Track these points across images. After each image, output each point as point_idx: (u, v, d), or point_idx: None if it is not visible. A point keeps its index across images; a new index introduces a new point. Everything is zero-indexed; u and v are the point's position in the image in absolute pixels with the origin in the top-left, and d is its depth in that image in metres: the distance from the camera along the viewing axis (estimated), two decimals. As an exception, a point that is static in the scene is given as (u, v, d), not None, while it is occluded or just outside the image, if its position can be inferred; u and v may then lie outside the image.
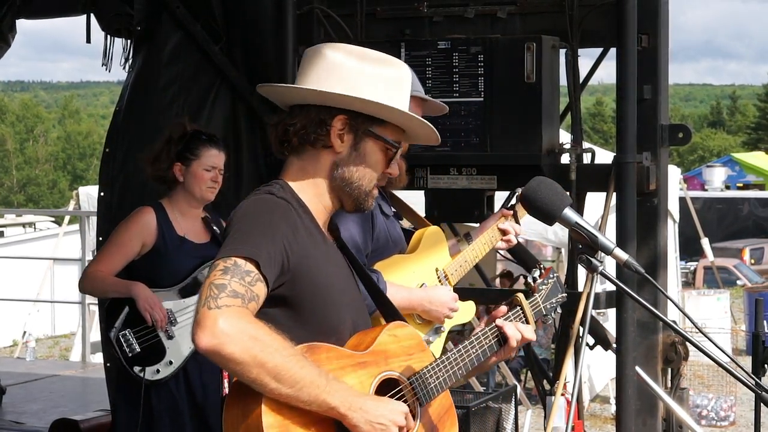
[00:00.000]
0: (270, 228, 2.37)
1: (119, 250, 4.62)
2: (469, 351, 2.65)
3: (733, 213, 30.04)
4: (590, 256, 2.56)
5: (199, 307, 2.26)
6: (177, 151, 4.64)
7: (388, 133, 2.55)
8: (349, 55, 2.53)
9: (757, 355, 4.63)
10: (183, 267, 4.62)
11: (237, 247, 2.33)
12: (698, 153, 57.83)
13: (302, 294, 2.42)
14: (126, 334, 4.53)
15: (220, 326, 2.21)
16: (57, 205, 51.48)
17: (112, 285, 4.58)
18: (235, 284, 2.27)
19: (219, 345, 2.21)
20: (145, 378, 4.50)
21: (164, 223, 4.63)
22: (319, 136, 2.51)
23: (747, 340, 14.97)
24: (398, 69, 2.57)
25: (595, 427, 11.47)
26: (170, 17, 6.61)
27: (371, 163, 2.54)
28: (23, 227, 25.54)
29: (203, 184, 4.67)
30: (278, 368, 2.24)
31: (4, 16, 7.29)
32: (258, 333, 2.24)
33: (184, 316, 4.59)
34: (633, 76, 4.98)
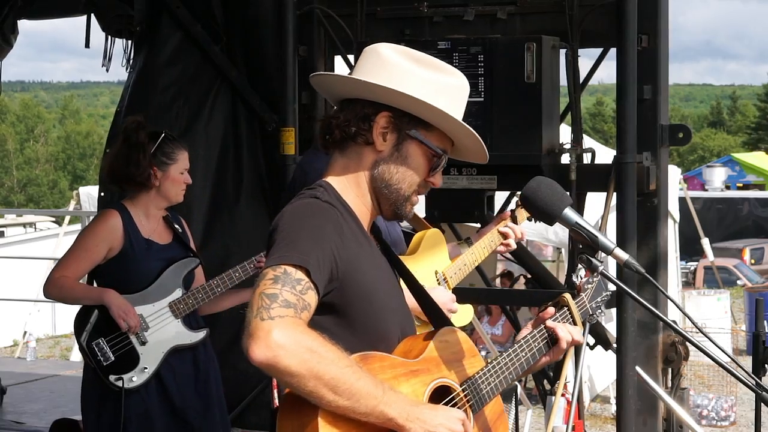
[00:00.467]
0: (318, 234, 2.32)
1: (86, 255, 4.47)
2: (519, 355, 2.60)
3: (733, 213, 30.04)
4: (590, 256, 2.56)
5: (251, 318, 2.19)
6: (150, 155, 4.47)
7: (433, 139, 2.47)
8: (405, 55, 2.47)
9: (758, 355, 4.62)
10: (151, 270, 4.51)
11: (286, 255, 2.26)
12: (698, 153, 57.82)
13: (351, 301, 2.37)
14: (100, 342, 4.43)
15: (275, 338, 2.15)
16: (57, 205, 51.48)
17: (83, 292, 4.47)
18: (286, 293, 2.21)
19: (275, 358, 2.15)
20: (119, 386, 4.40)
21: (130, 226, 4.49)
22: (361, 130, 2.45)
23: (747, 340, 14.97)
24: (454, 78, 2.50)
25: (595, 427, 11.47)
26: (170, 17, 6.61)
27: (412, 167, 2.47)
28: (23, 227, 25.55)
29: (179, 188, 4.55)
30: (335, 380, 2.19)
31: (6, 17, 7.30)
32: (314, 344, 2.18)
33: (155, 321, 4.51)
34: (633, 76, 4.98)
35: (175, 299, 4.54)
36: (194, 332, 4.60)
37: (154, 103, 6.63)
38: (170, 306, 4.54)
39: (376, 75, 2.44)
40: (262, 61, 6.49)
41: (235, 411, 6.39)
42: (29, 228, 25.42)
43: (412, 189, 2.49)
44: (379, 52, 2.47)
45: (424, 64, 2.46)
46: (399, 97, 2.42)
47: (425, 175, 2.49)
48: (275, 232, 2.35)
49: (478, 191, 5.27)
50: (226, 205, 6.60)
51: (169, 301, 4.54)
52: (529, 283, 5.89)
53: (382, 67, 2.44)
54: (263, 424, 6.53)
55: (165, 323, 4.53)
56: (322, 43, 6.03)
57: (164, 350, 4.51)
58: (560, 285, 5.75)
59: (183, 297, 4.56)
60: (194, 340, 4.59)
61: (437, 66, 2.48)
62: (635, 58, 4.98)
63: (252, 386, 6.46)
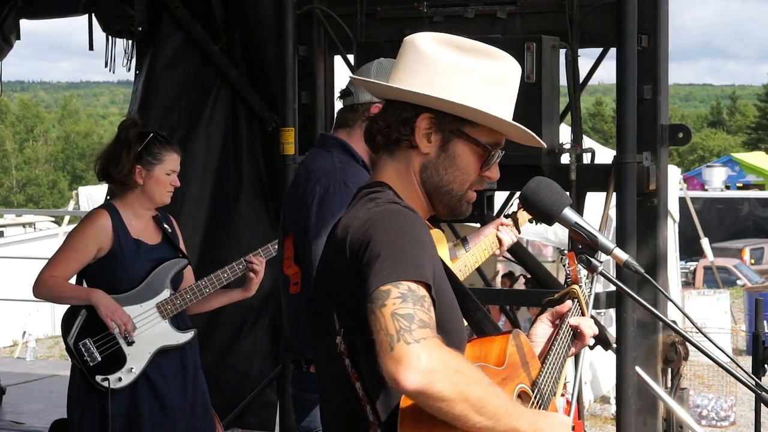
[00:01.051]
0: (421, 245, 2.21)
1: (75, 256, 4.48)
2: (559, 353, 2.58)
3: (733, 213, 30.05)
4: (590, 256, 2.56)
5: (392, 342, 2.04)
6: (137, 154, 4.48)
7: (481, 134, 2.35)
8: (445, 45, 2.33)
9: (757, 355, 4.62)
10: (139, 271, 4.51)
11: (404, 270, 2.12)
12: (698, 153, 57.83)
13: (441, 309, 2.26)
14: (86, 342, 4.45)
15: (425, 363, 2.02)
16: (57, 205, 51.47)
17: (71, 292, 4.48)
18: (419, 312, 2.08)
19: (429, 383, 2.02)
20: (105, 386, 4.41)
21: (119, 227, 4.49)
22: (403, 135, 2.35)
23: (747, 340, 14.97)
24: (499, 63, 2.35)
25: (595, 427, 11.47)
26: (170, 18, 6.62)
27: (462, 166, 2.36)
28: (23, 227, 25.53)
29: (164, 189, 4.53)
30: (482, 401, 2.08)
31: (6, 17, 7.30)
32: (459, 364, 2.08)
33: (143, 322, 4.51)
34: (633, 76, 4.98)
35: (162, 300, 4.54)
36: (182, 333, 4.60)
37: (157, 104, 6.64)
38: (158, 306, 4.54)
39: (412, 75, 2.33)
40: (262, 61, 6.50)
41: (234, 411, 6.39)
42: (29, 228, 25.42)
43: (465, 188, 2.39)
44: (417, 47, 2.34)
45: (469, 52, 2.33)
46: (435, 102, 2.31)
47: (477, 171, 2.38)
48: (372, 243, 2.18)
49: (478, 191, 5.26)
50: (226, 205, 6.60)
51: (156, 302, 4.53)
52: (529, 283, 5.89)
53: (418, 65, 2.33)
54: (263, 424, 6.54)
55: (152, 324, 4.53)
56: (322, 43, 6.03)
57: (151, 351, 4.51)
58: (560, 285, 5.73)
59: (171, 297, 4.56)
60: (181, 341, 4.59)
61: (484, 51, 2.34)
62: (635, 58, 4.98)
63: (251, 387, 6.46)
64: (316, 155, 3.44)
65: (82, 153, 59.86)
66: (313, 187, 3.31)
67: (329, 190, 3.28)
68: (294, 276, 3.40)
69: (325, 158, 3.38)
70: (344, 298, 2.24)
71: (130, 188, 4.53)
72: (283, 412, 6.08)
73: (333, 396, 2.37)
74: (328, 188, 3.28)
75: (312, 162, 3.42)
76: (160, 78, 6.69)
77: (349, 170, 3.34)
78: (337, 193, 3.27)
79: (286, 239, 3.44)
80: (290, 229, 3.41)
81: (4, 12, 7.28)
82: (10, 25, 7.39)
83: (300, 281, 3.38)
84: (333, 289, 2.31)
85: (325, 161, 3.37)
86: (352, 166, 3.36)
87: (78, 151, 59.94)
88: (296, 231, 3.37)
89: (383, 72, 3.35)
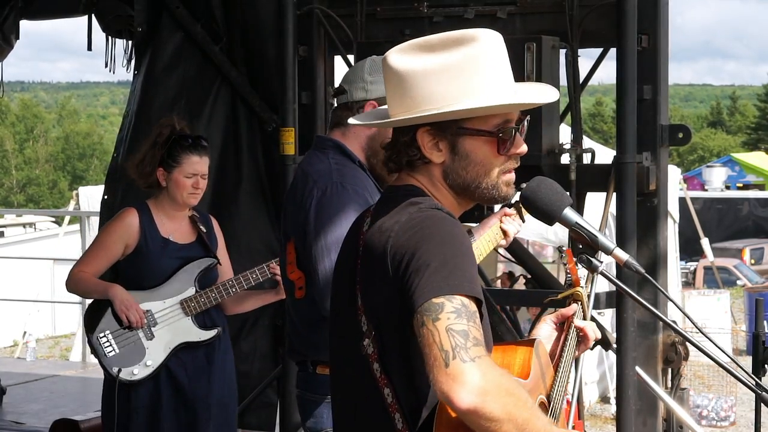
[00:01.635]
0: (470, 256, 2.19)
1: (103, 253, 4.68)
2: (568, 359, 2.60)
3: (733, 213, 30.04)
4: (590, 256, 2.55)
5: (448, 359, 2.04)
6: (161, 156, 4.64)
7: (484, 122, 2.29)
8: (413, 52, 2.29)
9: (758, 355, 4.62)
10: (165, 268, 4.67)
11: (457, 284, 2.11)
12: (698, 153, 57.83)
13: None
14: (106, 335, 4.62)
15: (481, 383, 2.03)
16: (57, 205, 51.48)
17: (93, 286, 4.65)
18: (473, 330, 2.08)
19: (482, 404, 2.03)
20: (121, 378, 4.58)
21: (148, 225, 4.66)
22: (413, 156, 2.32)
23: (747, 340, 14.97)
24: (471, 47, 2.27)
25: (595, 427, 11.47)
26: (170, 18, 6.61)
27: (479, 160, 2.31)
28: (23, 227, 25.53)
29: (185, 191, 4.66)
30: (526, 422, 2.08)
31: (6, 17, 7.31)
32: (511, 386, 2.09)
33: (164, 318, 4.67)
34: (633, 76, 4.98)
35: (186, 297, 4.68)
36: (204, 330, 4.71)
37: (156, 105, 6.64)
38: (181, 304, 4.68)
39: (399, 99, 2.30)
40: (262, 61, 6.49)
41: (235, 411, 6.39)
42: (29, 228, 25.41)
43: (494, 176, 2.33)
44: (390, 67, 2.31)
45: (438, 48, 2.27)
46: (427, 118, 2.28)
47: (498, 155, 2.32)
48: (422, 251, 2.15)
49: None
50: (225, 205, 6.59)
51: (180, 299, 4.67)
52: (529, 283, 5.89)
53: (400, 87, 2.30)
54: (263, 425, 6.53)
55: (175, 320, 4.67)
56: (322, 43, 6.03)
57: (172, 346, 4.65)
58: (560, 285, 5.74)
59: (195, 295, 4.69)
60: (203, 338, 4.71)
61: (453, 40, 2.28)
62: (635, 58, 4.98)
63: (252, 387, 6.46)
64: (312, 158, 3.45)
65: (82, 153, 59.89)
66: (310, 191, 3.31)
67: (326, 193, 3.28)
68: (298, 281, 3.40)
69: (322, 161, 3.38)
70: (378, 301, 2.22)
71: (159, 189, 4.70)
72: (283, 412, 6.07)
73: (353, 399, 2.34)
74: (325, 191, 3.29)
75: (308, 165, 3.42)
76: (159, 78, 6.69)
77: (345, 172, 3.34)
78: (334, 196, 3.27)
79: (288, 244, 3.44)
80: (291, 233, 3.42)
81: (5, 12, 7.29)
82: (10, 26, 7.40)
83: (304, 285, 3.38)
84: (364, 290, 2.27)
85: (322, 164, 3.37)
86: (348, 167, 3.37)
87: (78, 152, 59.95)
88: (297, 235, 3.37)
89: (376, 69, 3.36)
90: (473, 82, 2.26)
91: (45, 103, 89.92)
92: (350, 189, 3.28)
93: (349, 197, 3.26)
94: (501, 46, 2.32)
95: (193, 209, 4.81)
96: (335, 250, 3.19)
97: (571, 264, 2.66)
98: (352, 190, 3.28)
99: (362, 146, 3.42)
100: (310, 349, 3.40)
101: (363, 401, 2.29)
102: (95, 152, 59.15)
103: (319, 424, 3.38)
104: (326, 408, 3.36)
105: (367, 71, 3.38)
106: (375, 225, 2.29)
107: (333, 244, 3.20)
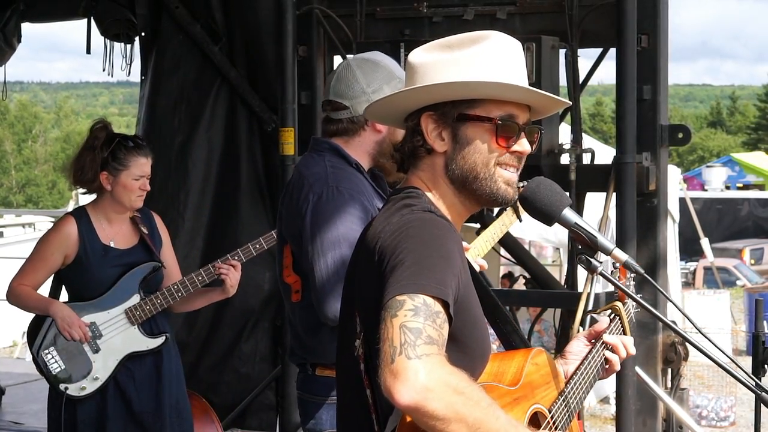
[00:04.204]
0: (449, 259, 2.17)
1: (41, 264, 4.51)
2: (589, 373, 2.55)
3: (733, 213, 30.04)
4: (590, 257, 2.55)
5: (394, 355, 2.03)
6: (102, 159, 4.46)
7: (486, 110, 2.31)
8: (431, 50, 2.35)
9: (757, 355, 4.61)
10: (106, 277, 4.50)
11: (423, 284, 2.10)
12: (698, 153, 57.82)
13: (462, 325, 2.23)
14: (50, 351, 4.46)
15: (423, 380, 2.00)
16: (56, 205, 51.44)
17: (34, 303, 4.51)
18: (429, 328, 2.06)
19: (423, 401, 2.00)
20: (69, 394, 4.44)
21: (87, 233, 4.50)
22: (416, 143, 2.35)
23: (747, 341, 14.96)
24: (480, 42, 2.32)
25: (595, 427, 11.47)
26: (170, 19, 6.62)
27: (478, 149, 2.31)
28: (23, 227, 25.51)
29: (132, 194, 4.50)
30: (479, 422, 2.05)
31: (9, 20, 7.31)
32: (460, 384, 2.05)
33: (110, 328, 4.50)
34: (633, 76, 4.98)
35: (131, 306, 4.53)
36: (152, 338, 4.57)
37: (159, 108, 6.65)
38: (126, 312, 4.52)
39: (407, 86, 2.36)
40: (262, 61, 6.49)
41: (234, 412, 6.39)
42: (28, 228, 25.38)
43: (489, 167, 2.33)
44: (408, 62, 2.36)
45: (455, 47, 2.33)
46: (426, 92, 2.32)
47: (498, 147, 2.32)
48: (400, 250, 2.16)
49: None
50: (226, 206, 6.60)
51: (125, 308, 4.52)
52: (528, 284, 5.89)
53: (412, 79, 2.35)
54: (263, 426, 6.54)
55: (120, 330, 4.52)
56: (322, 44, 6.03)
57: (118, 357, 4.50)
58: (560, 285, 5.75)
59: (140, 303, 4.53)
60: (151, 347, 4.56)
61: (470, 39, 2.33)
62: (635, 58, 4.98)
63: (252, 388, 6.46)
64: (308, 160, 3.44)
65: (81, 153, 59.84)
66: (306, 196, 3.31)
67: (322, 197, 3.28)
68: (294, 284, 3.40)
69: (318, 163, 3.38)
70: (367, 301, 2.23)
71: (100, 193, 4.54)
72: (283, 413, 6.07)
73: (347, 399, 2.36)
74: (321, 195, 3.28)
75: (305, 167, 3.42)
76: (161, 82, 6.70)
77: (341, 175, 3.33)
78: (330, 200, 3.27)
79: (285, 247, 3.44)
80: (287, 237, 3.41)
81: (7, 15, 7.29)
82: (12, 29, 7.40)
83: (301, 289, 3.38)
84: (358, 291, 2.30)
85: (318, 166, 3.37)
86: (344, 170, 3.36)
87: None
88: (293, 239, 3.37)
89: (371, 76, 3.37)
90: (473, 68, 2.30)
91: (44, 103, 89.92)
92: (346, 193, 3.28)
93: (345, 201, 3.26)
94: (513, 47, 2.36)
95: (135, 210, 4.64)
96: (332, 254, 3.20)
97: (623, 280, 2.67)
98: (347, 194, 3.28)
99: (368, 151, 3.41)
100: (308, 352, 3.40)
101: (351, 401, 2.31)
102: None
103: (318, 425, 3.38)
104: (326, 410, 3.36)
105: (365, 83, 3.38)
106: (371, 227, 2.31)
107: (329, 247, 3.20)
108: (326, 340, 3.30)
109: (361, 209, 3.24)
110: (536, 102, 2.38)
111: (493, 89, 2.31)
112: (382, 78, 3.37)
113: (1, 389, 8.12)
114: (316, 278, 3.23)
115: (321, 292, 3.21)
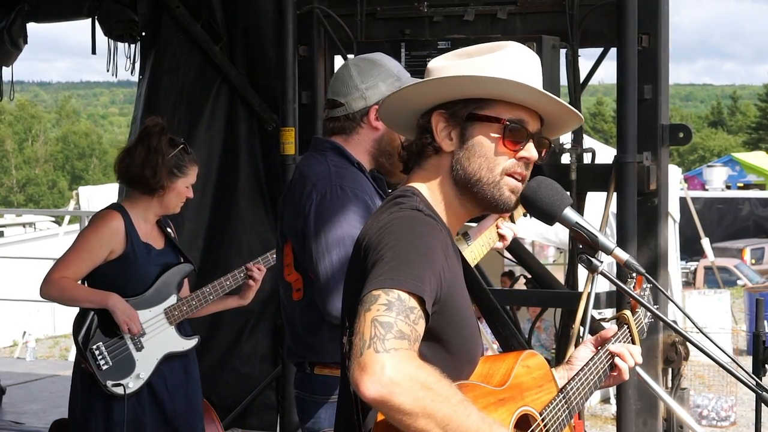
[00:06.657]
0: (429, 256, 2.16)
1: (87, 257, 4.37)
2: (588, 379, 2.53)
3: (734, 213, 30.04)
4: (590, 256, 2.55)
5: (363, 348, 2.02)
6: (166, 162, 4.39)
7: (498, 112, 2.31)
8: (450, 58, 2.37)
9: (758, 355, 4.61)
10: (149, 275, 4.45)
11: (400, 279, 2.09)
12: (698, 153, 57.83)
13: (447, 324, 2.23)
14: (100, 346, 4.38)
15: (390, 374, 1.99)
16: (57, 205, 51.48)
17: (86, 295, 4.37)
18: (400, 323, 2.05)
19: (388, 395, 1.99)
20: (115, 392, 4.36)
21: (131, 229, 4.41)
22: (425, 141, 2.34)
23: (747, 340, 14.97)
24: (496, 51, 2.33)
25: (596, 427, 11.47)
26: (170, 19, 6.62)
27: (484, 152, 2.31)
28: (23, 227, 25.54)
29: (181, 200, 4.49)
30: (447, 418, 2.03)
31: (14, 21, 7.32)
32: (428, 380, 2.03)
33: (151, 327, 4.46)
34: (633, 76, 4.97)
35: (170, 306, 4.51)
36: (186, 339, 4.57)
37: (159, 108, 6.65)
38: (165, 312, 4.50)
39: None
40: (262, 61, 6.50)
41: (234, 412, 6.40)
42: (29, 228, 25.42)
43: (495, 173, 2.32)
44: (427, 68, 2.38)
45: (474, 54, 2.34)
46: (436, 88, 2.32)
47: (505, 152, 2.32)
48: (381, 246, 2.17)
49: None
50: (226, 206, 6.60)
51: (164, 308, 4.49)
52: (529, 283, 5.88)
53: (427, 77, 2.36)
54: (264, 426, 6.54)
55: (160, 329, 4.49)
56: (322, 43, 6.03)
57: (158, 357, 4.47)
58: (560, 285, 5.75)
59: (178, 304, 4.52)
60: (186, 348, 4.56)
61: (489, 48, 2.34)
62: (635, 58, 4.98)
63: (253, 388, 6.47)
64: (310, 160, 3.44)
65: (81, 153, 59.88)
66: (309, 194, 3.31)
67: (326, 196, 3.28)
68: (295, 282, 3.40)
69: (320, 162, 3.38)
70: (354, 298, 2.22)
71: (149, 194, 4.45)
72: (283, 413, 6.08)
73: (341, 395, 2.38)
74: (324, 194, 3.28)
75: (306, 167, 3.42)
76: (161, 81, 6.70)
77: (344, 174, 3.34)
78: (334, 199, 3.27)
79: (285, 246, 3.43)
80: (289, 236, 3.41)
81: (12, 16, 7.30)
82: (17, 30, 7.41)
83: (302, 287, 3.38)
84: (348, 288, 2.32)
85: (321, 166, 3.37)
86: (347, 169, 3.36)
87: (78, 151, 59.95)
88: (295, 238, 3.36)
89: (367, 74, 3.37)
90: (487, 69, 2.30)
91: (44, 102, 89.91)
92: (349, 191, 3.28)
93: (348, 199, 3.26)
94: (531, 58, 2.36)
95: None
96: (336, 252, 3.20)
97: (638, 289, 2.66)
98: (351, 193, 3.28)
99: (368, 149, 3.41)
100: (308, 350, 3.40)
101: (342, 397, 2.33)
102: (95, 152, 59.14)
103: (317, 424, 3.38)
104: (324, 409, 3.36)
105: (359, 80, 3.38)
106: (365, 226, 2.32)
107: (333, 245, 3.20)
108: (326, 338, 3.31)
109: (365, 208, 3.24)
110: (548, 110, 2.37)
111: (503, 88, 2.30)
112: (377, 75, 3.36)
113: (2, 389, 8.12)
114: (320, 276, 3.23)
115: (325, 290, 3.21)
